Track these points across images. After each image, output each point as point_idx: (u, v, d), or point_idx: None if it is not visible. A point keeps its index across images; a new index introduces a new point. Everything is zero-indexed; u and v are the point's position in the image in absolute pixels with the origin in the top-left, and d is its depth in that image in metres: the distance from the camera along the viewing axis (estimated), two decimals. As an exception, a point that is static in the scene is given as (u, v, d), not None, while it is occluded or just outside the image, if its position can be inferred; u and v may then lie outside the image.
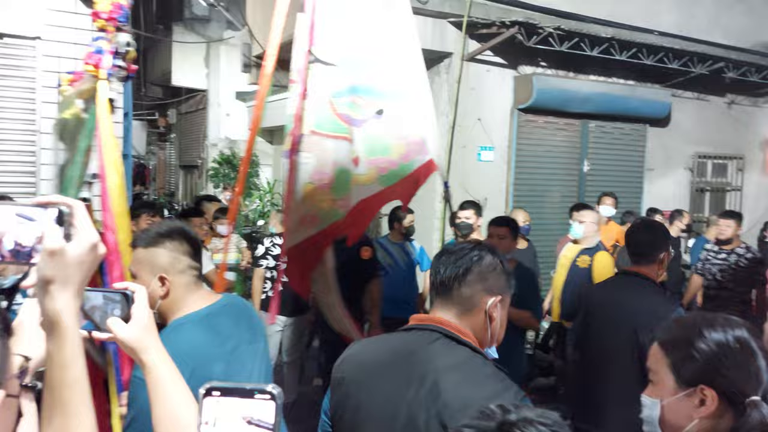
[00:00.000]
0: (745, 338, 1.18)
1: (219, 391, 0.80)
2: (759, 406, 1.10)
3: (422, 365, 1.48)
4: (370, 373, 1.58)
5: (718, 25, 8.03)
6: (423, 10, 6.31)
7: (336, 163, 2.76)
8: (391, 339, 1.67)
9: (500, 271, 1.58)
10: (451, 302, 1.55)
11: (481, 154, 6.82)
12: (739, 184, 8.90)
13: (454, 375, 1.43)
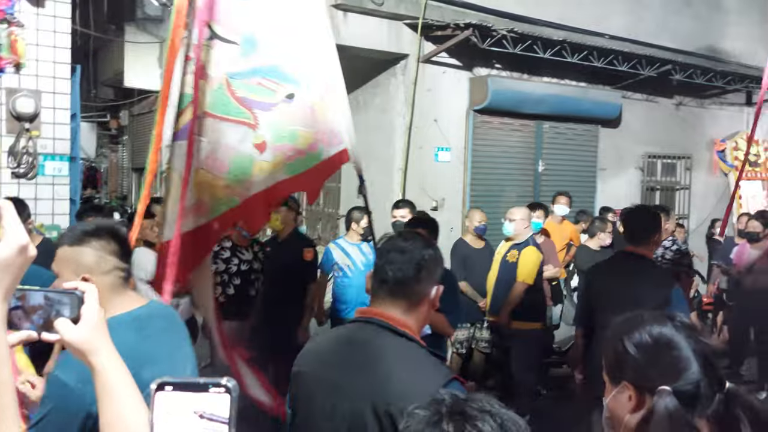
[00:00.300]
0: (663, 334, 1.25)
1: (171, 386, 0.78)
2: (664, 395, 1.17)
3: (367, 356, 1.58)
4: (321, 364, 1.68)
5: (665, 29, 8.28)
6: (378, 12, 6.32)
7: (231, 148, 2.59)
8: (340, 332, 1.80)
9: (440, 260, 1.72)
10: (401, 299, 1.64)
11: (438, 154, 6.87)
12: (688, 183, 9.19)
13: (395, 364, 1.54)
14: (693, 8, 8.71)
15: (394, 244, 1.72)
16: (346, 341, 1.69)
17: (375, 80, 7.06)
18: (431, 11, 6.48)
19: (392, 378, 1.51)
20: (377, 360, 1.57)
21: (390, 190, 6.71)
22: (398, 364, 1.55)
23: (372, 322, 1.63)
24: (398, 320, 1.61)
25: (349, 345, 1.66)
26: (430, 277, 1.65)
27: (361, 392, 1.53)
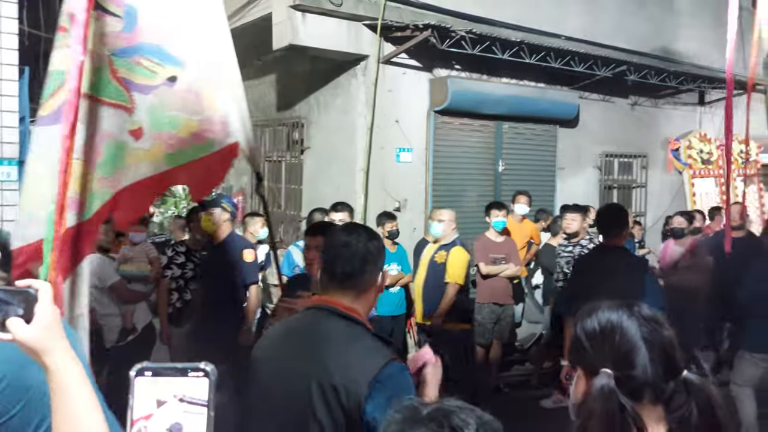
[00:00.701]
0: (611, 320, 1.30)
1: (150, 371, 0.80)
2: (603, 377, 1.23)
3: (314, 338, 1.72)
4: (273, 350, 1.81)
5: (620, 30, 8.46)
6: (337, 13, 6.30)
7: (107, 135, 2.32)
8: (293, 319, 1.91)
9: (382, 250, 1.86)
10: (350, 289, 1.78)
11: (400, 155, 6.88)
12: (644, 181, 9.40)
13: (340, 344, 1.68)
14: (647, 10, 8.92)
15: (339, 239, 1.82)
16: (297, 326, 1.82)
17: (336, 81, 7.03)
18: (390, 12, 6.49)
19: (337, 356, 1.65)
20: (324, 341, 1.70)
21: (352, 190, 6.69)
22: (343, 345, 1.68)
23: (322, 309, 1.77)
24: (347, 307, 1.75)
25: (299, 330, 1.80)
26: (375, 267, 1.80)
27: (309, 372, 1.65)
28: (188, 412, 0.79)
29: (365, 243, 1.79)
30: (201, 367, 0.80)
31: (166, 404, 0.79)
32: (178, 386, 0.80)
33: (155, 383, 0.80)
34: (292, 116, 7.78)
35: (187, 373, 0.80)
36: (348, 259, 1.77)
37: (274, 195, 8.20)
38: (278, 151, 8.16)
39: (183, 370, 0.80)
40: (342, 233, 1.85)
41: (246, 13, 6.84)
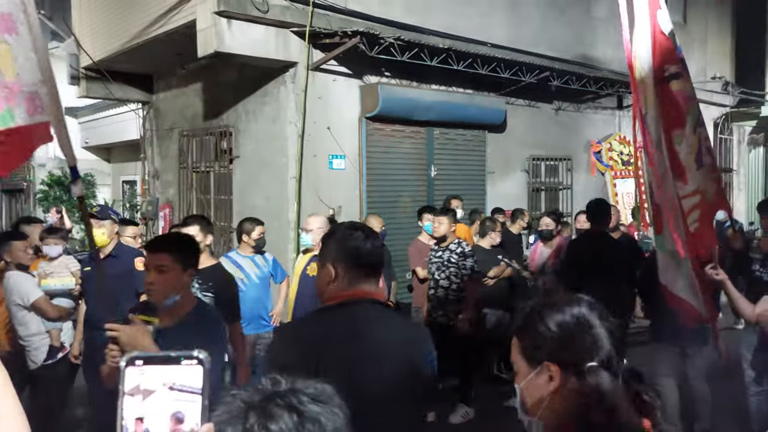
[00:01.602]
0: (582, 314, 1.29)
1: (141, 360, 0.77)
2: (595, 372, 1.21)
3: (385, 331, 1.89)
4: (350, 339, 1.85)
5: (542, 38, 8.74)
6: (264, 19, 6.20)
7: None
8: (347, 312, 1.91)
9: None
10: (374, 279, 1.96)
11: (333, 162, 6.82)
12: (569, 183, 9.73)
13: (398, 325, 1.99)
14: (567, 18, 9.26)
15: (359, 234, 1.97)
16: (362, 318, 1.90)
17: (264, 89, 6.91)
18: (318, 19, 6.44)
19: (403, 335, 1.93)
20: (389, 328, 1.92)
21: (285, 199, 6.58)
22: (400, 325, 2.00)
23: (365, 300, 1.92)
24: (377, 294, 1.96)
25: (367, 324, 1.89)
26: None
27: (398, 354, 1.85)
28: (180, 401, 0.76)
29: (377, 239, 2.00)
30: (194, 355, 0.78)
31: (154, 394, 0.76)
32: (170, 375, 0.77)
33: (146, 372, 0.77)
34: (220, 125, 7.58)
35: (180, 361, 0.78)
36: (373, 252, 1.95)
37: (203, 206, 7.96)
38: (206, 161, 7.93)
39: (176, 358, 0.78)
40: (357, 231, 1.98)
41: (168, 20, 6.62)
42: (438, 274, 5.48)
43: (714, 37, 12.36)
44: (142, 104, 9.21)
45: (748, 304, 3.64)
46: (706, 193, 3.84)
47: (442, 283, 5.44)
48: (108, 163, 13.84)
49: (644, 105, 3.75)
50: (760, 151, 14.17)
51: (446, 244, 5.54)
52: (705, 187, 3.87)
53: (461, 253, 5.44)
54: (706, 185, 3.88)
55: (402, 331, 1.95)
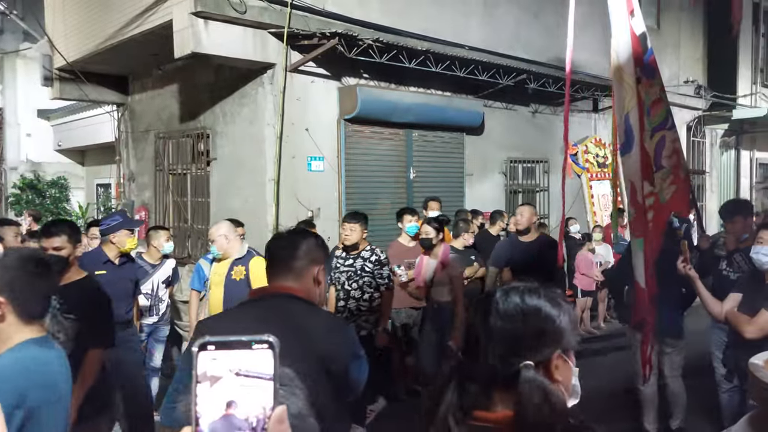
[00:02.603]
0: (558, 299, 1.24)
1: (213, 345, 0.77)
2: (527, 368, 1.15)
3: (290, 320, 1.96)
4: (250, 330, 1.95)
5: (518, 40, 8.82)
6: (241, 20, 6.16)
7: None
8: (250, 307, 2.11)
9: (319, 246, 2.16)
10: (290, 275, 2.08)
11: (311, 164, 6.80)
12: (546, 185, 9.82)
13: (309, 320, 2.00)
14: (542, 22, 9.36)
15: (280, 235, 2.29)
16: (266, 314, 1.99)
17: (242, 90, 6.86)
18: (296, 20, 6.42)
19: (312, 330, 1.96)
20: (292, 320, 1.97)
21: (263, 201, 6.54)
22: (311, 320, 2.01)
23: (280, 295, 2.06)
24: (295, 289, 2.06)
25: (274, 315, 1.97)
26: (310, 259, 2.10)
27: (303, 346, 1.87)
28: (245, 386, 0.76)
29: (302, 238, 2.15)
30: (265, 339, 0.78)
31: (221, 380, 0.76)
32: (241, 360, 0.77)
33: (216, 357, 0.77)
34: (197, 127, 7.51)
35: (251, 346, 0.78)
36: (279, 249, 2.14)
37: (180, 209, 7.87)
38: (183, 163, 7.85)
39: (247, 342, 0.78)
40: (284, 233, 2.29)
41: (144, 21, 6.54)
42: (349, 284, 5.02)
43: (687, 42, 12.60)
44: (117, 106, 9.08)
45: (716, 302, 3.71)
46: (660, 195, 3.92)
47: (353, 294, 5.01)
48: (82, 166, 13.62)
49: (626, 104, 3.81)
50: (732, 153, 14.47)
51: (357, 251, 5.09)
52: (660, 188, 3.95)
53: (377, 261, 5.05)
54: (661, 187, 3.96)
55: (313, 324, 1.98)
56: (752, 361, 1.70)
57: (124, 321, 4.33)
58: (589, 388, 1.26)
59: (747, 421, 1.70)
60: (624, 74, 3.87)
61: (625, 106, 3.85)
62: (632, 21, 3.87)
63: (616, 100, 4.05)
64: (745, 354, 3.30)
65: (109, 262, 4.45)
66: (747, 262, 4.22)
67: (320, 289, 2.15)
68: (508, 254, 5.59)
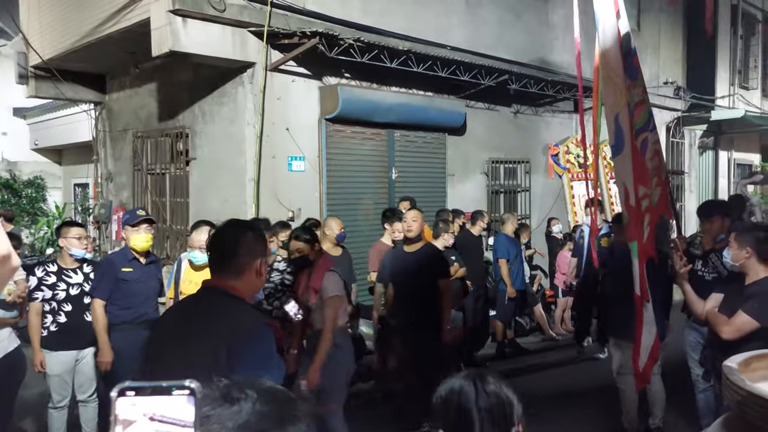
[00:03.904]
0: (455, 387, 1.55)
1: (133, 391, 0.75)
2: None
3: (211, 313, 2.05)
4: (174, 321, 2.21)
5: (500, 41, 8.83)
6: (220, 19, 6.09)
7: None
8: (188, 300, 2.32)
9: (258, 239, 2.18)
10: (228, 270, 2.10)
11: (292, 164, 6.75)
12: (528, 185, 9.85)
13: (226, 313, 2.04)
14: (524, 23, 9.39)
15: (218, 230, 2.32)
16: (193, 308, 2.16)
17: (221, 89, 6.79)
18: (276, 19, 6.37)
19: (224, 323, 2.00)
20: (213, 312, 2.05)
21: (242, 201, 6.48)
22: (229, 314, 2.04)
23: (208, 288, 2.13)
24: (230, 285, 2.08)
25: (199, 308, 2.11)
26: (249, 253, 2.12)
27: (205, 337, 1.98)
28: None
29: (240, 232, 2.16)
30: (186, 385, 0.76)
31: (135, 424, 0.74)
32: (155, 405, 0.74)
33: (134, 403, 0.75)
34: (176, 126, 7.42)
35: (171, 392, 0.75)
36: (214, 243, 2.22)
37: (159, 209, 7.77)
38: (161, 163, 7.75)
39: (167, 388, 0.76)
40: (224, 227, 2.27)
41: (122, 19, 6.45)
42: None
43: (666, 44, 12.72)
44: (95, 104, 8.95)
45: (700, 301, 3.73)
46: (652, 197, 3.92)
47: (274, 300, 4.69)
48: (59, 165, 13.42)
49: (616, 104, 3.78)
50: (710, 154, 14.64)
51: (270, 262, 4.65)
52: (652, 190, 3.95)
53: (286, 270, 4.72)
54: (653, 189, 3.96)
55: (226, 317, 2.02)
56: (726, 363, 1.70)
57: (153, 320, 4.16)
58: (568, 387, 1.32)
59: (721, 423, 1.70)
60: (612, 74, 3.85)
61: (615, 107, 3.83)
62: (619, 22, 3.86)
63: (606, 100, 4.03)
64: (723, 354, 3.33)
65: (135, 260, 4.34)
66: (722, 263, 4.27)
67: (261, 281, 2.18)
68: (390, 267, 5.03)
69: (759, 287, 3.33)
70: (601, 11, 3.82)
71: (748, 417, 1.49)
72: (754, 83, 15.72)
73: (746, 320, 3.26)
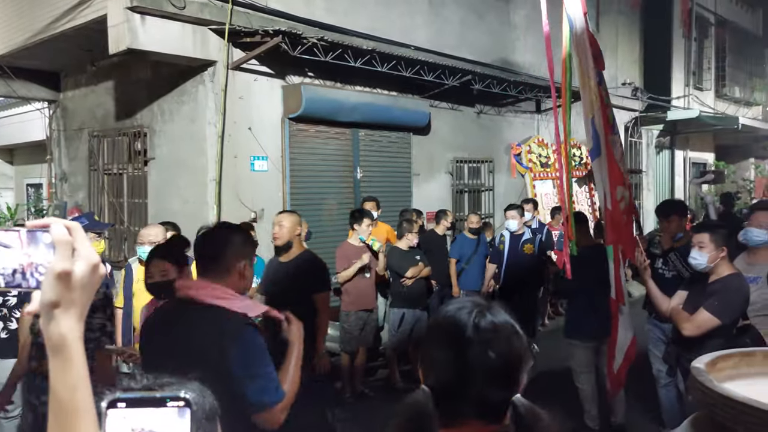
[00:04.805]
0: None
1: (125, 403, 0.74)
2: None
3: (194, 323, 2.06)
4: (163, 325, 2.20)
5: (464, 42, 8.88)
6: (180, 16, 5.95)
7: None
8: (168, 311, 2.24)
9: (244, 241, 2.23)
10: (212, 270, 2.15)
11: (255, 163, 6.64)
12: (491, 184, 9.92)
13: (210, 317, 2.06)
14: (486, 24, 9.45)
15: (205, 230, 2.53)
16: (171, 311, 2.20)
17: (181, 88, 6.64)
18: (238, 17, 6.25)
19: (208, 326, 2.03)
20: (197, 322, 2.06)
21: (203, 202, 6.34)
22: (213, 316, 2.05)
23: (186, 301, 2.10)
24: (214, 286, 2.10)
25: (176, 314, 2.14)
26: (233, 253, 2.15)
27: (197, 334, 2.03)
28: None
29: (224, 234, 2.23)
30: (181, 396, 0.74)
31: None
32: (146, 419, 0.72)
33: (128, 415, 0.73)
34: (134, 125, 7.22)
35: (166, 403, 0.73)
36: (210, 246, 2.22)
37: (116, 210, 7.56)
38: (119, 163, 7.54)
39: (161, 399, 0.74)
40: (211, 229, 2.37)
41: (77, 15, 6.24)
42: None
43: (624, 45, 12.99)
44: (49, 103, 8.65)
45: (664, 298, 3.79)
46: (626, 197, 3.97)
47: None
48: (11, 165, 12.96)
49: (590, 108, 3.80)
50: (666, 153, 15.03)
51: None
52: (626, 190, 4.01)
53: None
54: (626, 188, 4.01)
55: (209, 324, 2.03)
56: (695, 364, 1.71)
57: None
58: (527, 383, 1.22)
59: (689, 423, 1.71)
60: (584, 75, 3.87)
61: (590, 110, 3.84)
62: (588, 21, 3.89)
63: (583, 103, 4.03)
64: (686, 351, 3.40)
65: None
66: (681, 262, 4.37)
67: (245, 282, 2.20)
68: (266, 279, 4.60)
69: (721, 284, 3.40)
70: (572, 10, 3.83)
71: (717, 418, 1.50)
72: (707, 84, 16.20)
73: (707, 318, 3.33)
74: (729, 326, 3.34)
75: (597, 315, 4.67)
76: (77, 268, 0.85)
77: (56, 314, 0.84)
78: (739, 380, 1.73)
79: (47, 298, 0.84)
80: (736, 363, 1.79)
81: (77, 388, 0.85)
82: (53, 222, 0.86)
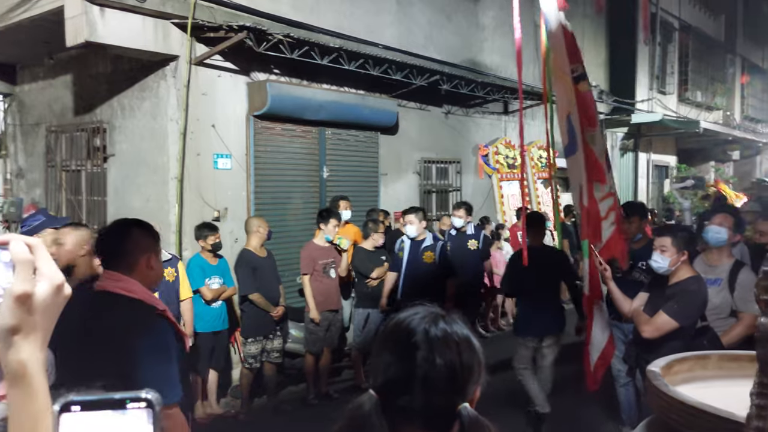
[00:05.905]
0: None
1: (79, 405, 0.67)
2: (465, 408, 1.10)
3: (102, 314, 2.14)
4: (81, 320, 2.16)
5: (431, 41, 8.87)
6: (140, 9, 5.80)
7: None
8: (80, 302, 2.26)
9: (148, 234, 2.29)
10: (119, 266, 2.20)
11: (218, 161, 6.51)
12: (459, 185, 9.94)
13: (122, 313, 2.13)
14: (454, 24, 9.46)
15: (106, 228, 2.42)
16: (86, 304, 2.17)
17: (142, 83, 6.47)
18: (201, 11, 6.12)
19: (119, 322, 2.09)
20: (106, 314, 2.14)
21: (165, 201, 6.19)
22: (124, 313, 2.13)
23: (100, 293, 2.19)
24: (124, 279, 2.16)
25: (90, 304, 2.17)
26: (136, 248, 2.22)
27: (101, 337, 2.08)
28: None
29: (125, 229, 2.26)
30: (143, 397, 0.67)
31: None
32: (116, 422, 0.66)
33: (86, 420, 0.66)
34: (93, 121, 7.02)
35: (126, 405, 0.67)
36: (110, 243, 2.26)
37: (74, 207, 7.35)
38: (77, 159, 7.32)
39: (120, 401, 0.67)
40: (113, 225, 2.36)
41: (32, 6, 6.03)
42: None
43: (590, 48, 13.15)
44: (4, 96, 8.36)
45: (626, 299, 3.81)
46: (616, 195, 3.98)
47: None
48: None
49: (566, 105, 3.79)
50: (630, 155, 15.28)
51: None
52: (615, 188, 4.02)
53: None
54: (615, 187, 4.02)
55: (117, 316, 2.09)
56: (650, 368, 1.69)
57: None
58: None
59: (645, 427, 1.69)
60: (560, 72, 3.86)
61: (567, 107, 3.84)
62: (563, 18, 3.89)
63: (559, 101, 4.04)
64: (646, 351, 3.42)
65: None
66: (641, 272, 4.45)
67: (154, 274, 2.26)
68: None
69: (680, 287, 3.43)
70: (547, 7, 3.83)
71: (671, 422, 1.48)
72: (671, 88, 16.53)
73: (666, 320, 3.35)
74: (687, 328, 3.37)
75: (540, 315, 4.93)
76: (39, 290, 0.78)
77: (16, 341, 0.77)
78: (693, 383, 1.72)
79: (6, 323, 0.77)
80: (691, 366, 1.79)
81: (40, 418, 0.78)
82: (12, 239, 0.78)
